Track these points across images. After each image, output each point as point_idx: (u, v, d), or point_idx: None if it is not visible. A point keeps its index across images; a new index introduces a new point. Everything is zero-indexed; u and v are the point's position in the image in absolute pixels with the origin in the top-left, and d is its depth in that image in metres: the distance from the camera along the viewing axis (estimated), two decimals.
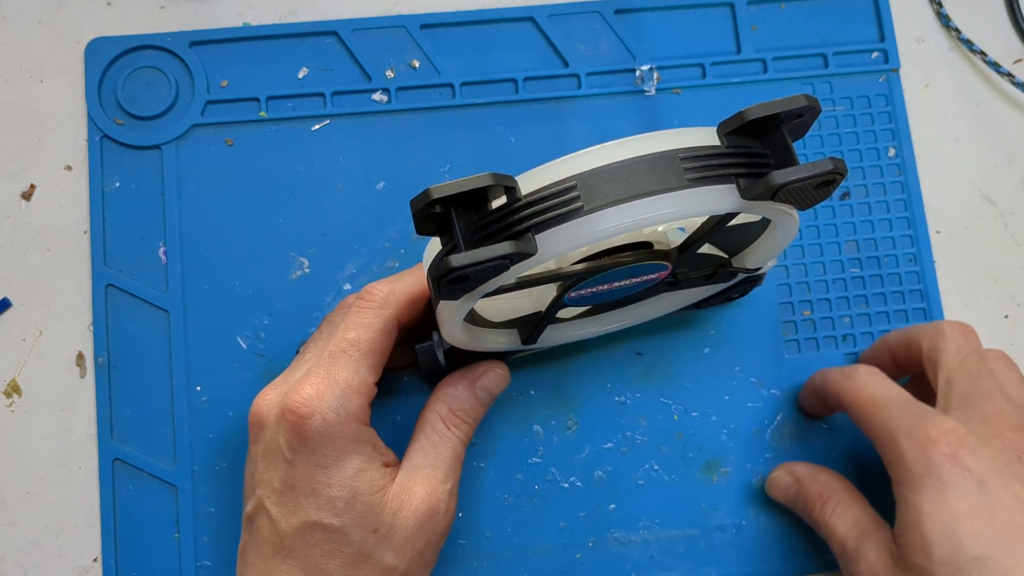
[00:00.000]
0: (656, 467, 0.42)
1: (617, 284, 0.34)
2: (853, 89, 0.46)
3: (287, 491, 0.34)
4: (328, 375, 0.34)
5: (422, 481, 0.35)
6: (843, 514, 0.36)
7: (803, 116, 0.29)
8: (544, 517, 0.41)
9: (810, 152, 0.45)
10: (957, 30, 0.47)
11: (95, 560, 0.41)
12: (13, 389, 0.42)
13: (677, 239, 0.35)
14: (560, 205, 0.27)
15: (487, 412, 0.38)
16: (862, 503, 0.36)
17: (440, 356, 0.37)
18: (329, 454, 0.33)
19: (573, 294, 0.34)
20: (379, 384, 0.36)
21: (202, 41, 0.44)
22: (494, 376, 0.38)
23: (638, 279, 0.34)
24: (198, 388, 0.41)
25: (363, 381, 0.34)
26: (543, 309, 0.36)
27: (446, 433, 0.36)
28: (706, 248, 0.35)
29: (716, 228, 0.32)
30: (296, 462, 0.33)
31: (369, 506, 0.34)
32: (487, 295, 0.31)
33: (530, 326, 0.37)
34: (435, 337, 0.37)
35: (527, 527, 0.41)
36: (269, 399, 0.35)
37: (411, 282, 0.36)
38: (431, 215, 0.28)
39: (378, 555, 0.34)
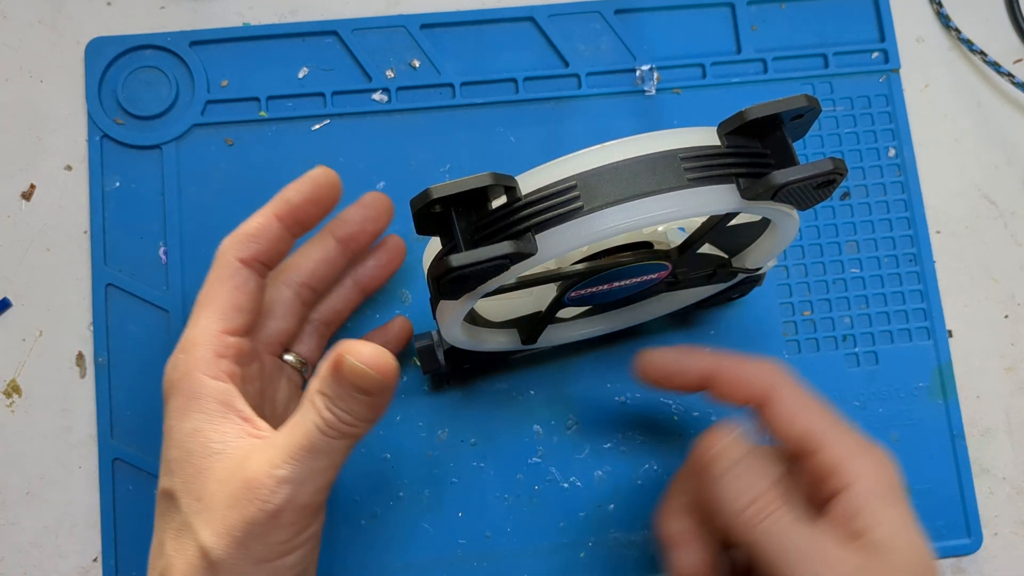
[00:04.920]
0: (656, 467, 0.42)
1: (617, 284, 0.34)
2: (853, 89, 0.46)
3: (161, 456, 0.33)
4: (182, 337, 0.33)
5: (260, 455, 0.30)
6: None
7: (803, 116, 0.29)
8: (544, 517, 0.41)
9: (810, 152, 0.45)
10: (957, 30, 0.47)
11: (95, 560, 0.41)
12: (13, 389, 0.42)
13: (677, 239, 0.35)
14: (560, 205, 0.27)
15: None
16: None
17: (440, 356, 0.37)
18: (172, 413, 0.32)
19: (573, 294, 0.34)
20: None
21: (202, 41, 0.44)
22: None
23: (638, 279, 0.34)
24: None
25: (204, 330, 0.33)
26: (543, 309, 0.36)
27: (307, 413, 0.31)
28: (706, 248, 0.35)
29: (716, 228, 0.32)
30: (164, 426, 0.32)
31: (198, 470, 0.30)
32: (487, 295, 0.31)
33: (530, 326, 0.37)
34: (435, 337, 0.37)
35: (527, 527, 0.41)
36: None
37: (245, 224, 0.34)
38: (431, 215, 0.28)
39: (196, 528, 0.30)
